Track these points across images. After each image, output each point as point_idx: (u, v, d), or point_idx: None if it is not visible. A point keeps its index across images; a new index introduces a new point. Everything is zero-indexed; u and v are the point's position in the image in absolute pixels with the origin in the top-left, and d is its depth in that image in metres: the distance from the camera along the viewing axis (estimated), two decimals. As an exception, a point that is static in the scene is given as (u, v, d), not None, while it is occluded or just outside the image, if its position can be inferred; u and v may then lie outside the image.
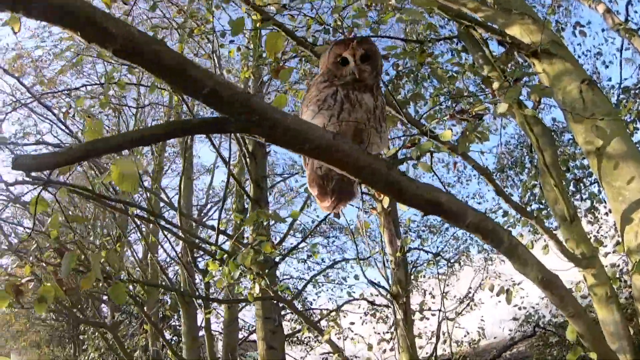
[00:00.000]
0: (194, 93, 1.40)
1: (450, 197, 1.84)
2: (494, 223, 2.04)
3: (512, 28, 4.45)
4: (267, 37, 2.16)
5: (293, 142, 1.46)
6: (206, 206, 16.14)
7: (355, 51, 1.98)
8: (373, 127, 1.93)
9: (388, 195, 1.71)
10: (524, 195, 7.90)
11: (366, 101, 1.93)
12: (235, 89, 1.39)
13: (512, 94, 2.32)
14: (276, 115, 1.41)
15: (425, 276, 10.96)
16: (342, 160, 1.54)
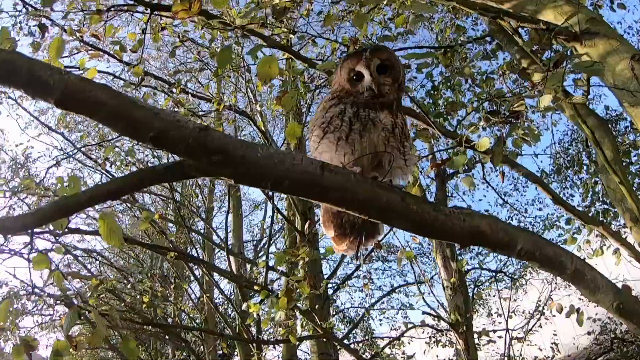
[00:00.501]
0: (140, 137, 1.13)
1: (493, 221, 1.45)
2: (553, 246, 1.64)
3: (545, 13, 4.03)
4: (260, 62, 1.88)
5: (264, 179, 1.15)
6: (261, 241, 16.01)
7: (370, 62, 1.67)
8: (395, 148, 1.61)
9: (410, 231, 1.35)
10: (585, 197, 7.22)
11: (382, 119, 1.61)
12: (188, 126, 1.09)
13: (553, 80, 1.92)
14: (240, 152, 1.11)
15: (490, 294, 10.24)
16: (337, 197, 1.20)
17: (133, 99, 1.16)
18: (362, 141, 1.56)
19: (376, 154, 1.59)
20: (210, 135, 1.09)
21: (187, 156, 1.11)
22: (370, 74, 1.66)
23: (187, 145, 1.08)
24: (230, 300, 8.54)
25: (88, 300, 6.50)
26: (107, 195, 1.32)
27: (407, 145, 1.66)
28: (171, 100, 5.89)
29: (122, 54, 4.41)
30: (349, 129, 1.58)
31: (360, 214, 1.26)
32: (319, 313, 6.28)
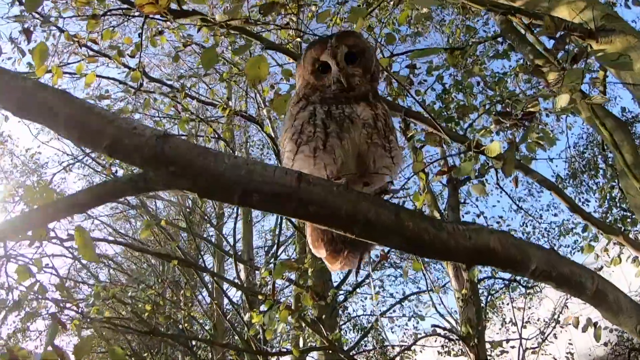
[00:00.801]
0: (97, 147, 0.99)
1: (504, 237, 1.28)
2: (571, 264, 1.46)
3: (558, 10, 3.89)
4: (248, 62, 1.72)
5: (230, 193, 0.99)
6: (273, 247, 15.82)
7: (336, 50, 1.46)
8: (378, 144, 1.39)
9: (406, 251, 1.18)
10: (602, 202, 6.97)
11: (360, 113, 1.40)
12: (144, 133, 0.95)
13: (572, 77, 1.75)
14: (200, 162, 0.95)
15: (504, 303, 9.97)
16: (316, 213, 1.04)
17: (90, 105, 1.03)
18: (342, 144, 1.36)
19: (360, 156, 1.39)
20: (168, 144, 0.94)
21: (145, 167, 0.97)
22: (337, 63, 1.46)
23: (142, 154, 0.94)
24: (237, 309, 8.40)
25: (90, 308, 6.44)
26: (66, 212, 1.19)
27: (393, 139, 1.46)
28: (174, 105, 5.76)
29: (121, 59, 4.29)
30: (324, 134, 1.37)
31: (345, 232, 1.09)
32: (327, 322, 6.12)
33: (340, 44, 1.47)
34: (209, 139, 7.23)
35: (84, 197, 1.19)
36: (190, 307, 12.24)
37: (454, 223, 1.20)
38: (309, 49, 1.54)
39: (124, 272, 13.87)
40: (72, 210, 1.22)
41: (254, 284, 10.52)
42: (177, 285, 12.90)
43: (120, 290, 10.47)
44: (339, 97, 1.43)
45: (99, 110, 1.01)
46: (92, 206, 1.29)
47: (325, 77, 1.48)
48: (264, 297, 5.18)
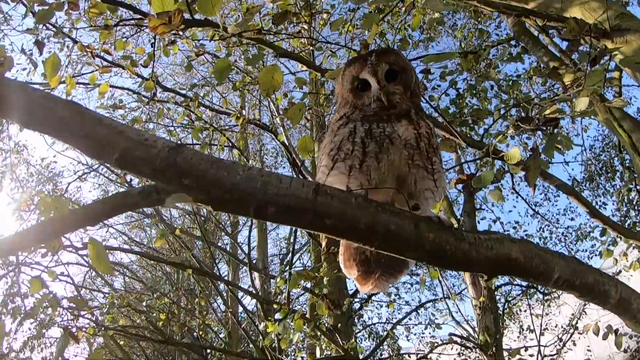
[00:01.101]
0: (107, 159, 0.98)
1: (526, 247, 1.24)
2: (594, 273, 1.42)
3: (571, 11, 3.82)
4: (262, 72, 1.70)
5: (245, 205, 0.97)
6: (288, 255, 15.73)
7: (376, 68, 1.43)
8: (420, 166, 1.34)
9: (427, 263, 1.14)
10: (620, 206, 6.84)
11: (401, 133, 1.34)
12: (156, 145, 0.93)
13: (593, 80, 1.70)
14: (214, 174, 0.93)
15: (522, 309, 9.81)
16: (334, 226, 1.01)
17: (99, 116, 1.01)
18: (379, 167, 1.32)
19: (402, 177, 1.34)
20: (181, 155, 0.92)
21: (157, 179, 0.95)
22: (377, 81, 1.43)
23: (154, 167, 0.93)
24: (251, 317, 8.36)
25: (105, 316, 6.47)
26: (80, 223, 1.18)
27: (436, 160, 1.39)
28: (187, 115, 5.78)
29: (135, 69, 4.32)
30: (362, 154, 1.33)
31: (364, 245, 1.06)
32: (343, 331, 6.06)
33: (381, 62, 1.45)
34: (222, 147, 7.24)
35: (97, 208, 1.18)
36: (205, 315, 12.25)
37: (475, 233, 1.17)
38: (347, 66, 1.51)
39: (139, 280, 13.94)
40: (86, 221, 1.21)
41: (269, 292, 10.49)
42: (191, 293, 12.93)
43: (135, 298, 10.52)
44: (380, 115, 1.39)
45: (108, 122, 0.99)
46: (105, 218, 1.27)
47: (364, 95, 1.45)
48: (279, 306, 5.16)
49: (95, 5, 3.65)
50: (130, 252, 7.05)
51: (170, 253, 12.92)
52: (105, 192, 12.55)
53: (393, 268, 1.46)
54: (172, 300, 10.70)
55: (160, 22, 1.60)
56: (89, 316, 6.31)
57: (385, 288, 1.48)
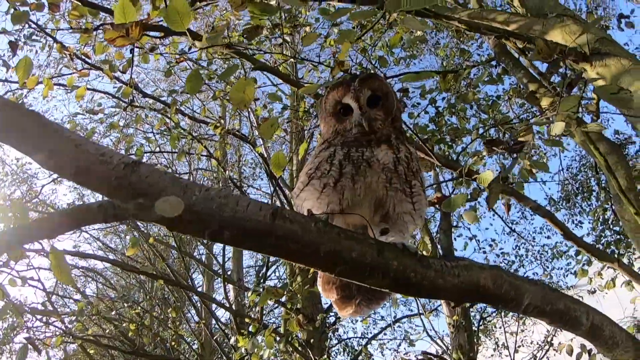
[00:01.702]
0: (64, 173, 0.93)
1: (497, 274, 1.22)
2: (565, 299, 1.42)
3: (552, 34, 3.87)
4: (234, 87, 1.66)
5: (200, 228, 0.93)
6: (264, 267, 15.48)
7: (359, 94, 1.44)
8: (398, 189, 1.33)
9: (391, 290, 1.11)
10: (596, 226, 6.95)
11: (380, 157, 1.35)
12: (112, 161, 0.89)
13: (568, 105, 1.71)
14: (170, 193, 0.89)
15: (497, 326, 9.85)
16: (293, 251, 0.97)
17: (59, 127, 0.96)
18: (354, 187, 1.31)
19: (379, 201, 1.34)
20: (136, 173, 0.88)
21: (113, 197, 0.90)
22: (359, 107, 1.43)
23: (109, 184, 0.88)
24: (224, 331, 8.23)
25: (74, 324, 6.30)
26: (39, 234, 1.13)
27: (416, 183, 1.39)
28: (165, 123, 5.69)
29: (113, 74, 4.23)
30: (338, 174, 1.32)
31: (325, 271, 1.03)
32: (316, 346, 6.00)
33: (364, 87, 1.45)
34: (200, 157, 7.14)
35: (54, 221, 1.13)
36: (178, 325, 12.03)
37: (442, 259, 1.14)
38: (331, 90, 1.51)
39: (112, 287, 13.65)
40: (46, 233, 1.16)
41: (243, 305, 10.36)
42: (165, 303, 12.71)
43: (107, 306, 10.29)
44: (360, 140, 1.39)
45: (68, 134, 0.94)
46: (63, 232, 1.22)
47: (347, 120, 1.45)
48: (252, 320, 5.08)
49: (76, 8, 3.59)
50: (102, 260, 6.88)
51: (145, 261, 12.69)
52: (81, 195, 12.32)
53: (374, 294, 1.43)
54: (144, 310, 10.50)
55: (118, 34, 1.55)
56: (59, 323, 6.16)
57: (365, 314, 1.47)
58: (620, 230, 6.86)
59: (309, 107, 6.04)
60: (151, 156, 10.49)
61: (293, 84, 2.90)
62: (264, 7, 1.50)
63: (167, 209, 0.90)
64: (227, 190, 1.09)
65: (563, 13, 3.91)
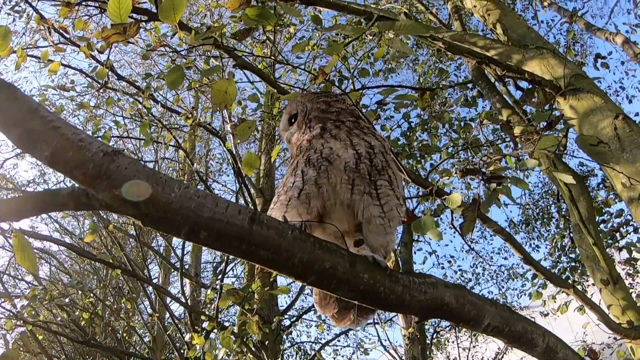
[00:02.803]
0: (35, 153, 0.89)
1: (460, 293, 1.24)
2: (523, 321, 1.47)
3: (530, 64, 3.99)
4: (215, 86, 1.63)
5: (176, 226, 0.91)
6: (222, 264, 15.18)
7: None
8: (362, 192, 1.23)
9: (359, 302, 1.11)
10: (553, 251, 7.17)
11: (341, 154, 1.26)
12: (90, 148, 0.86)
13: (547, 143, 1.76)
14: (148, 188, 0.87)
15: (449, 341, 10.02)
16: (268, 258, 0.97)
17: (37, 106, 0.91)
18: (319, 192, 1.24)
19: (349, 206, 1.25)
20: (115, 163, 0.86)
21: (88, 186, 0.88)
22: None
23: (85, 172, 0.85)
24: (177, 325, 8.08)
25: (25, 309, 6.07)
26: None
27: (384, 182, 1.27)
28: (138, 109, 5.56)
29: (90, 52, 4.11)
30: (302, 183, 1.24)
31: (297, 280, 1.02)
32: (270, 348, 5.96)
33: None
34: (168, 146, 7.00)
35: (23, 204, 1.09)
36: (131, 317, 11.76)
37: (410, 275, 1.16)
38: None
39: (66, 271, 13.24)
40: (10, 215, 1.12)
41: (199, 301, 10.22)
42: (119, 292, 12.41)
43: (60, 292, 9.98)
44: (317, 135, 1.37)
45: (45, 114, 0.89)
46: (31, 215, 1.18)
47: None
48: (208, 318, 5.01)
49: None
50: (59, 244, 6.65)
51: (102, 248, 12.38)
52: (42, 174, 11.96)
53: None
54: (98, 298, 10.23)
55: (114, 31, 1.52)
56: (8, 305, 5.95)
57: (362, 325, 1.41)
58: (576, 258, 7.09)
59: (284, 107, 6.02)
60: (118, 141, 10.27)
61: (274, 86, 2.89)
62: (263, 12, 1.49)
63: (134, 193, 0.88)
64: (204, 191, 1.05)
65: (543, 46, 4.04)
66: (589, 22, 9.26)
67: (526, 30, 4.53)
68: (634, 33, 8.00)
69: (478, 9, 5.19)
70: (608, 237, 6.24)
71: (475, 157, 5.09)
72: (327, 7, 3.07)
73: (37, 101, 0.95)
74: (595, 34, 8.95)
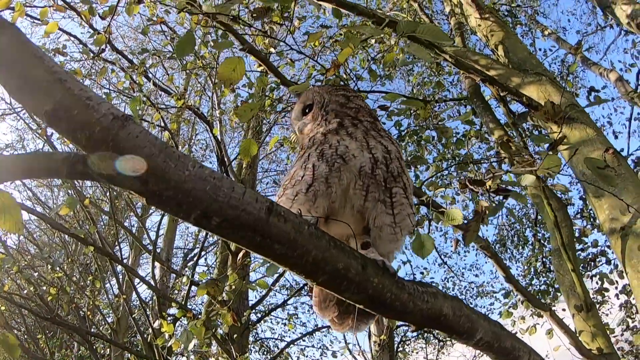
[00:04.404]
0: (35, 106, 0.81)
1: (457, 306, 1.22)
2: (512, 339, 1.46)
3: (528, 89, 4.04)
4: (224, 62, 1.57)
5: (187, 209, 0.83)
6: (192, 251, 14.91)
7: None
8: (377, 199, 1.19)
9: (363, 306, 1.06)
10: (527, 274, 7.26)
11: (357, 154, 1.20)
12: (99, 109, 0.78)
13: (551, 163, 1.75)
14: (160, 162, 0.80)
15: (415, 351, 10.08)
16: (282, 254, 0.90)
17: (42, 54, 0.81)
18: (328, 193, 1.18)
19: (359, 211, 1.20)
20: (125, 130, 0.78)
21: (89, 150, 0.80)
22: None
23: (91, 135, 0.77)
24: (144, 309, 7.93)
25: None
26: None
27: (399, 190, 1.23)
28: (131, 84, 5.42)
29: (90, 18, 3.99)
30: (311, 178, 1.19)
31: (306, 279, 0.96)
32: (238, 342, 5.88)
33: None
34: (154, 125, 6.86)
35: (9, 165, 1.02)
36: (97, 295, 11.50)
37: (415, 283, 1.12)
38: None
39: (35, 242, 12.91)
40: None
41: (167, 287, 10.07)
42: (86, 269, 12.15)
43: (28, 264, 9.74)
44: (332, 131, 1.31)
45: (51, 64, 0.80)
46: (17, 178, 1.11)
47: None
48: (178, 305, 4.91)
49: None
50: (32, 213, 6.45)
51: (74, 221, 12.07)
52: (21, 139, 11.65)
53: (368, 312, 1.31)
54: (65, 273, 9.98)
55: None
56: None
57: (361, 330, 1.36)
58: (548, 281, 7.20)
59: (277, 100, 5.94)
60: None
61: (279, 76, 2.83)
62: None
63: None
64: (221, 174, 0.98)
65: (542, 73, 4.10)
66: (586, 55, 9.43)
67: (527, 55, 4.57)
68: (629, 72, 8.14)
69: (482, 28, 5.21)
70: (581, 265, 6.34)
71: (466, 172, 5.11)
72: (337, 6, 3.03)
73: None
74: (590, 67, 9.12)
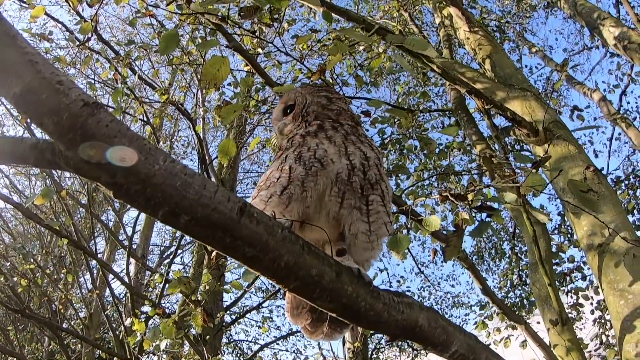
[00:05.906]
0: (4, 90, 0.77)
1: (433, 317, 1.19)
2: (487, 352, 1.45)
3: (513, 103, 4.07)
4: (209, 61, 1.53)
5: (155, 204, 0.79)
6: (169, 249, 14.65)
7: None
8: (352, 206, 1.17)
9: (336, 315, 1.03)
10: (504, 286, 7.32)
11: (335, 159, 1.18)
12: (69, 94, 0.73)
13: (534, 181, 1.74)
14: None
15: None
16: (252, 257, 0.86)
17: (15, 31, 0.75)
18: (303, 196, 1.15)
19: (334, 218, 1.18)
20: (95, 117, 0.73)
21: (57, 138, 0.76)
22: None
23: (58, 121, 0.73)
24: (117, 305, 7.79)
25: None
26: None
27: (376, 198, 1.21)
28: (115, 75, 5.33)
29: (78, 4, 3.90)
30: (287, 180, 1.16)
31: (278, 284, 0.92)
32: (210, 343, 5.80)
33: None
34: (137, 119, 6.75)
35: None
36: (70, 289, 11.27)
37: (390, 293, 1.09)
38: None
39: (9, 231, 12.63)
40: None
41: (142, 284, 9.91)
42: (60, 262, 11.91)
43: (1, 254, 9.52)
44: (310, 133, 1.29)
45: (23, 44, 0.76)
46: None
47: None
48: (151, 303, 4.82)
49: None
50: (7, 202, 6.28)
51: (50, 212, 11.84)
52: (1, 124, 11.38)
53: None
54: (38, 265, 9.75)
55: None
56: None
57: (336, 338, 1.32)
58: (525, 294, 7.27)
59: (261, 102, 5.89)
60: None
61: (264, 76, 2.79)
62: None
63: (118, 158, 0.76)
64: (194, 171, 0.94)
65: (527, 88, 4.15)
66: (570, 74, 9.57)
67: (513, 70, 4.62)
68: (612, 93, 8.28)
69: (470, 41, 5.25)
70: (557, 280, 6.41)
71: (447, 183, 5.12)
72: (328, 9, 3.00)
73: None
74: (575, 86, 9.26)
